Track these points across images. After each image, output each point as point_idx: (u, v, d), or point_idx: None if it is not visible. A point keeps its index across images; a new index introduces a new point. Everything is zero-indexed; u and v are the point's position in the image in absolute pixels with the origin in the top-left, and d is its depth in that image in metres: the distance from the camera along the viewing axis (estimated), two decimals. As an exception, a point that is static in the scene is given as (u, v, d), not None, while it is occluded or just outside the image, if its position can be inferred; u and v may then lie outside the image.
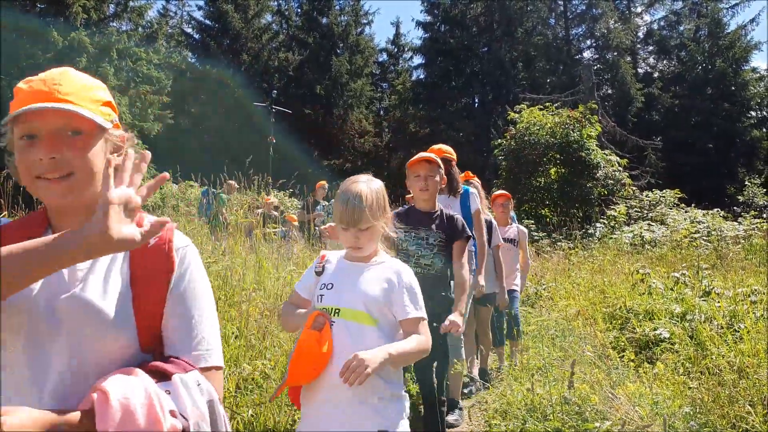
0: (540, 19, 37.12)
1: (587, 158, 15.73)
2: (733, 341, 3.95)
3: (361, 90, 35.64)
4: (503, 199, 5.76)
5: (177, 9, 46.64)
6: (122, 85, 25.50)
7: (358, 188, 2.05)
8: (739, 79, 32.90)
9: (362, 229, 2.02)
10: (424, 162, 3.42)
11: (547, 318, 5.51)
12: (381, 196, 2.11)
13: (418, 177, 3.37)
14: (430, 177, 3.37)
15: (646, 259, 8.92)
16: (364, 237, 2.04)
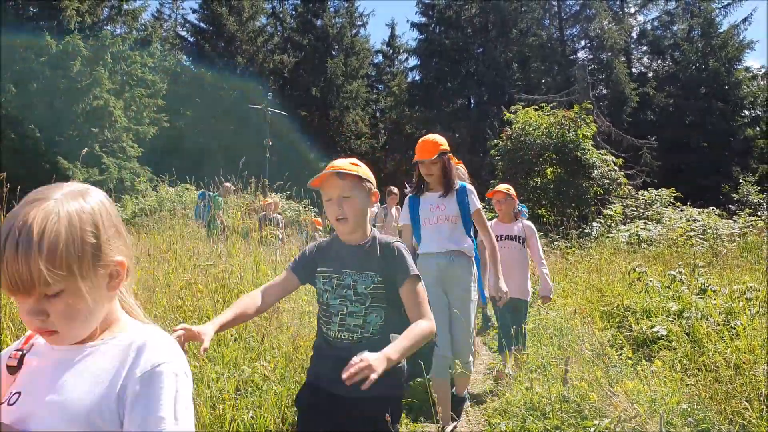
0: (534, 20, 37.25)
1: (583, 158, 15.78)
2: (730, 338, 3.97)
3: (356, 92, 35.69)
4: (500, 196, 5.23)
5: (171, 12, 46.66)
6: (117, 89, 25.50)
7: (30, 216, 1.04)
8: (733, 79, 33.12)
9: None
10: (334, 178, 2.16)
11: (545, 317, 5.52)
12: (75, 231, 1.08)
13: (330, 201, 2.17)
14: (346, 199, 2.14)
15: (642, 258, 8.95)
16: None
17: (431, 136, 3.91)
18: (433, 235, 3.88)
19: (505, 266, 4.28)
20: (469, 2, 36.55)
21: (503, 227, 5.14)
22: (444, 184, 3.87)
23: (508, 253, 4.89)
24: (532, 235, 5.13)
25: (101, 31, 25.49)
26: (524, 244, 5.09)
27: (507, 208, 5.20)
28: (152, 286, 5.01)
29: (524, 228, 5.15)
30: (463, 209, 3.88)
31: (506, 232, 5.10)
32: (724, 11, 35.75)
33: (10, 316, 4.44)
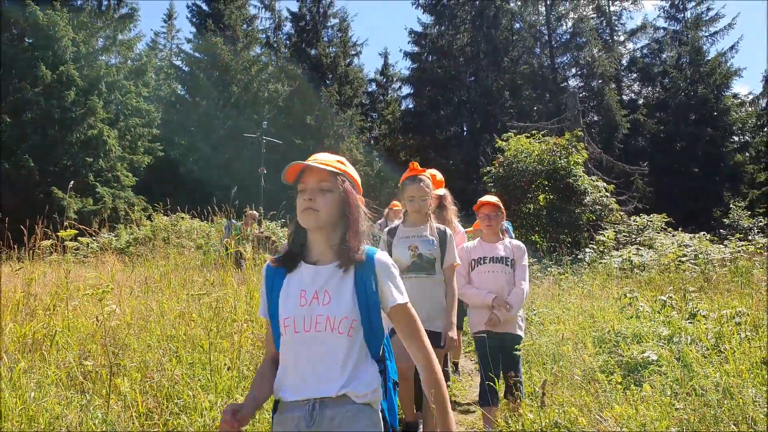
0: (525, 49, 37.81)
1: (575, 184, 15.91)
2: (719, 362, 4.00)
3: (350, 120, 35.98)
4: (490, 209, 4.40)
5: (166, 42, 47.31)
6: (111, 118, 25.66)
7: None
8: (721, 105, 33.63)
9: None
10: None
11: (538, 342, 5.54)
12: None
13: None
14: None
15: (634, 283, 9.00)
16: None
17: None
18: None
19: (491, 292, 4.18)
20: (461, 32, 37.14)
21: (488, 248, 4.37)
22: None
23: (493, 278, 4.24)
24: (522, 255, 4.34)
25: (96, 61, 25.76)
26: (513, 267, 4.29)
27: (496, 224, 4.42)
28: (146, 315, 5.03)
29: (513, 248, 4.36)
30: None
31: (491, 253, 4.33)
32: (711, 39, 36.55)
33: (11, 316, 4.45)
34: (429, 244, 3.75)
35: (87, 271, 7.16)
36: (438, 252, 3.74)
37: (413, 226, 3.83)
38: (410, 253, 3.74)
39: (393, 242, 3.83)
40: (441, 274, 3.76)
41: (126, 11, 27.98)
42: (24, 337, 4.17)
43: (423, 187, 3.76)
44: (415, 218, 3.83)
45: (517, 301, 4.16)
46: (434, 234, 3.78)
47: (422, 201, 3.76)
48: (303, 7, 38.67)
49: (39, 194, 21.52)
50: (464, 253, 4.35)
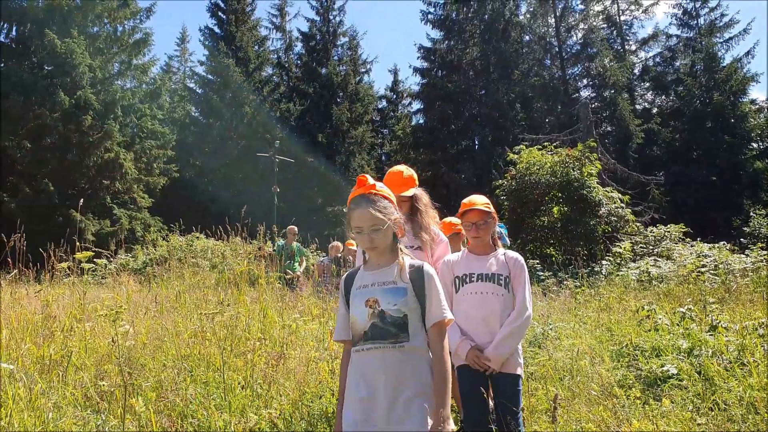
0: (536, 61, 37.85)
1: (589, 196, 15.79)
2: (742, 375, 3.92)
3: (362, 137, 36.14)
4: (476, 216, 3.45)
5: (180, 65, 48.01)
6: (127, 141, 25.99)
7: None
8: (738, 112, 33.19)
9: None
10: None
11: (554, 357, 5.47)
12: None
13: None
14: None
15: (653, 295, 8.87)
16: None
17: None
18: None
19: (476, 321, 3.29)
20: (470, 46, 37.25)
21: (475, 262, 3.43)
22: None
23: (481, 303, 3.31)
24: (521, 272, 3.37)
25: (112, 85, 26.16)
26: (508, 287, 3.33)
27: (485, 234, 3.45)
28: (161, 335, 5.04)
29: (508, 261, 3.40)
30: None
31: (480, 269, 3.39)
32: (725, 45, 36.28)
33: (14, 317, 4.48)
34: (395, 295, 2.43)
35: (104, 292, 7.21)
36: (412, 304, 2.44)
37: (374, 268, 2.55)
38: (368, 311, 2.45)
39: (350, 295, 2.58)
40: (420, 340, 2.43)
41: (140, 36, 28.41)
42: (42, 359, 4.20)
43: (374, 214, 2.45)
44: (375, 257, 2.56)
45: (510, 341, 3.20)
46: (406, 278, 2.48)
47: (374, 232, 2.46)
48: (313, 27, 39.07)
49: (58, 217, 21.80)
50: (445, 269, 3.46)
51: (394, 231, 2.54)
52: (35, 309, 5.42)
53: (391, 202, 2.54)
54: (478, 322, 3.31)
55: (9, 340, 4.51)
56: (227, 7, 36.70)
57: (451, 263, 3.49)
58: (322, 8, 39.26)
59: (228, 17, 36.32)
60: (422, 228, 3.67)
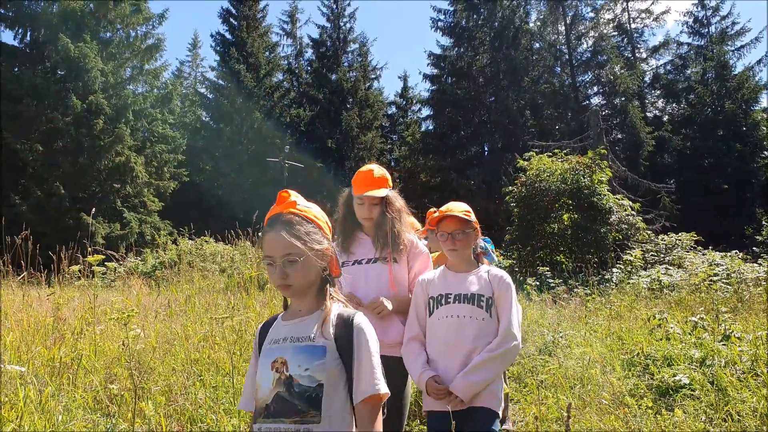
0: (546, 68, 37.77)
1: (599, 203, 15.71)
2: (756, 386, 3.88)
3: (371, 142, 36.21)
4: (453, 225, 2.91)
5: (191, 70, 48.30)
6: (138, 145, 26.17)
7: None
8: (750, 120, 33.02)
9: None
10: None
11: (564, 366, 5.43)
12: None
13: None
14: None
15: (664, 304, 8.80)
16: None
17: None
18: None
19: (450, 349, 2.76)
20: (480, 53, 37.25)
21: (453, 280, 2.91)
22: None
23: (457, 328, 2.77)
24: (507, 292, 2.83)
25: (124, 90, 26.36)
26: (490, 310, 2.78)
27: (465, 247, 2.92)
28: (171, 339, 5.05)
29: (491, 280, 2.87)
30: None
31: (458, 289, 2.86)
32: (737, 54, 36.11)
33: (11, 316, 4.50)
34: (310, 355, 1.79)
35: (114, 295, 7.24)
36: (332, 370, 1.79)
37: (291, 316, 1.94)
38: (273, 376, 1.80)
39: (261, 351, 1.92)
40: (339, 423, 1.77)
41: (153, 42, 28.63)
42: (52, 361, 4.21)
43: (289, 240, 1.82)
44: (295, 301, 1.96)
45: (486, 370, 2.65)
46: (329, 333, 1.84)
47: (288, 264, 1.83)
48: (324, 33, 39.26)
49: (69, 220, 21.94)
50: (419, 289, 2.94)
51: (320, 266, 1.90)
52: (46, 311, 5.45)
53: (319, 228, 1.94)
54: (451, 350, 2.74)
55: (20, 342, 4.54)
56: (238, 14, 36.96)
57: (426, 282, 2.96)
58: (333, 15, 39.45)
59: (239, 23, 36.58)
60: (396, 241, 3.03)
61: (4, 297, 5.79)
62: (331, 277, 1.98)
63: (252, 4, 37.40)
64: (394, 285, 3.00)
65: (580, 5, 38.00)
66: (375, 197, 3.04)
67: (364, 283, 2.98)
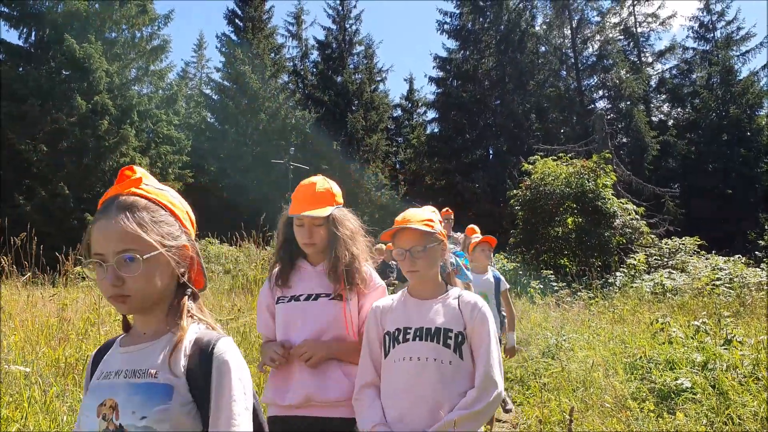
0: (551, 72, 37.76)
1: (603, 207, 15.72)
2: (757, 390, 3.88)
3: (376, 145, 36.21)
4: (409, 240, 2.25)
5: (196, 71, 48.49)
6: (143, 146, 26.23)
7: None
8: (754, 125, 33.02)
9: None
10: None
11: (567, 369, 5.44)
12: None
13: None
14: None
15: (667, 308, 8.81)
16: None
17: None
18: None
19: (409, 402, 2.13)
20: (486, 56, 37.28)
21: (415, 309, 2.29)
22: None
23: (417, 371, 2.15)
24: (483, 324, 2.21)
25: (129, 90, 26.44)
26: (460, 349, 2.16)
27: (427, 266, 2.28)
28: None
29: (463, 309, 2.24)
30: None
31: (419, 321, 2.24)
32: (742, 59, 36.10)
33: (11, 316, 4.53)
34: (149, 397, 1.30)
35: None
36: (179, 418, 1.29)
37: (132, 341, 1.45)
38: (100, 424, 1.30)
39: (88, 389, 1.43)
40: None
41: (158, 43, 28.72)
42: (57, 362, 4.24)
43: (128, 229, 1.30)
44: (139, 320, 1.46)
45: None
46: (179, 367, 1.33)
47: (124, 265, 1.30)
48: (329, 35, 39.31)
49: (73, 221, 22.01)
50: (372, 320, 2.32)
51: (173, 271, 1.38)
52: (50, 312, 5.48)
53: (175, 217, 1.41)
54: (411, 403, 2.12)
55: (24, 342, 4.57)
56: (244, 15, 37.05)
57: (380, 311, 2.31)
58: (339, 17, 39.54)
59: (245, 25, 36.66)
60: (350, 266, 2.40)
61: (8, 297, 5.83)
62: (193, 288, 1.45)
63: (257, 6, 37.50)
64: (352, 327, 2.39)
65: (586, 9, 38.06)
66: (316, 218, 2.40)
67: (300, 324, 2.37)
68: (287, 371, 2.34)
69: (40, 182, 23.05)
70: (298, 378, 2.31)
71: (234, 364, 1.33)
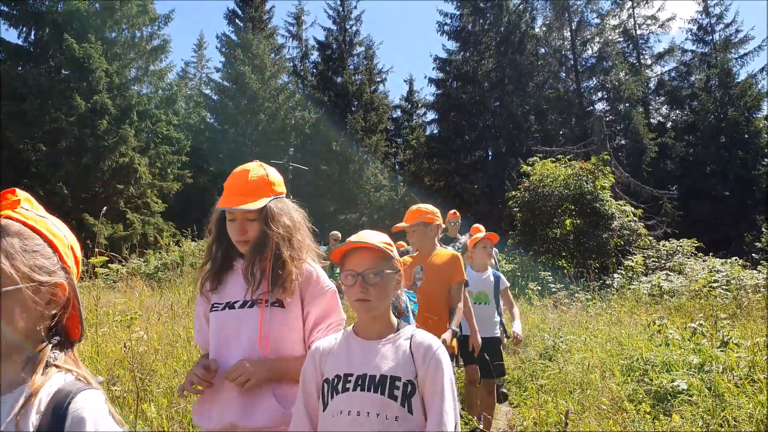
0: (551, 73, 37.79)
1: (602, 209, 15.76)
2: (752, 392, 3.90)
3: (376, 145, 36.23)
4: (361, 262, 1.86)
5: (196, 71, 48.50)
6: (142, 146, 26.22)
7: None
8: (752, 128, 33.13)
9: None
10: None
11: (564, 370, 5.46)
12: None
13: None
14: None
15: (664, 310, 8.83)
16: None
17: None
18: None
19: None
20: (486, 57, 37.30)
21: (357, 351, 1.91)
22: None
23: (353, 428, 1.78)
24: (437, 369, 1.81)
25: (128, 90, 26.43)
26: (408, 401, 1.78)
27: (380, 296, 1.88)
28: (173, 341, 5.09)
29: (415, 352, 1.86)
30: None
31: (362, 366, 1.86)
32: (740, 61, 36.19)
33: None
34: None
35: (116, 297, 7.28)
36: None
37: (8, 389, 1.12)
38: None
39: None
40: None
41: (158, 43, 28.72)
42: (54, 362, 4.24)
43: None
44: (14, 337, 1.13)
45: None
46: (27, 425, 1.07)
47: None
48: (329, 36, 39.34)
49: (71, 221, 22.00)
50: (310, 365, 1.94)
51: (39, 311, 1.16)
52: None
53: (53, 248, 1.21)
54: None
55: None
56: (244, 15, 37.10)
57: (320, 354, 1.93)
58: (339, 17, 39.56)
59: (245, 25, 36.69)
60: (277, 268, 2.07)
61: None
62: (64, 336, 1.22)
63: (258, 6, 37.54)
64: (264, 341, 2.03)
65: (585, 11, 38.08)
66: (249, 211, 2.09)
67: (234, 337, 2.06)
68: (213, 392, 2.03)
69: (39, 182, 23.03)
70: (224, 400, 2.00)
71: (92, 421, 1.07)
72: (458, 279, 3.70)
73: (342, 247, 1.90)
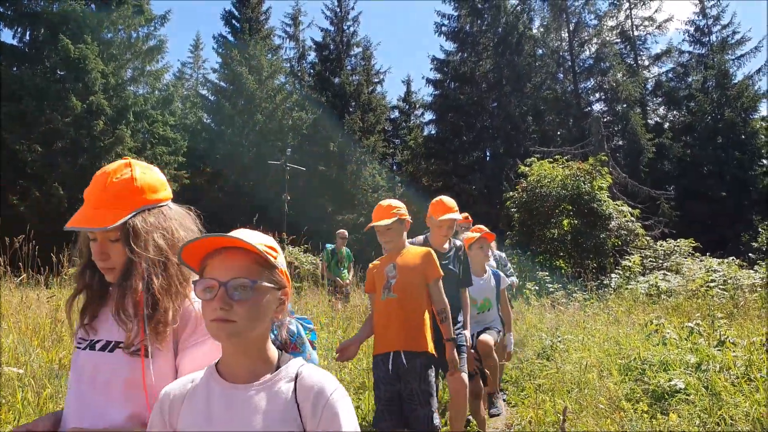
0: (548, 74, 37.83)
1: (599, 209, 15.78)
2: (749, 391, 3.90)
3: (373, 146, 36.21)
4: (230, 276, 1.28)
5: (192, 72, 48.42)
6: (139, 147, 26.18)
7: None
8: (749, 129, 33.25)
9: None
10: None
11: (561, 370, 5.45)
12: None
13: None
14: None
15: (661, 309, 8.83)
16: None
17: None
18: None
19: None
20: (484, 58, 37.32)
21: (219, 402, 1.30)
22: None
23: None
24: (333, 422, 1.27)
25: (125, 91, 26.37)
26: None
27: (248, 326, 1.28)
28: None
29: (302, 402, 1.29)
30: None
31: (228, 424, 1.28)
32: (737, 62, 36.28)
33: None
34: None
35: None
36: None
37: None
38: None
39: None
40: None
41: (154, 43, 28.67)
42: (51, 363, 4.23)
43: None
44: None
45: None
46: None
47: None
48: (327, 36, 39.31)
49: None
50: (157, 414, 1.36)
51: None
52: (45, 313, 5.47)
53: None
54: None
55: (17, 344, 4.55)
56: (241, 16, 37.04)
57: (169, 401, 1.36)
58: (336, 18, 39.53)
59: (242, 25, 36.64)
60: (151, 305, 1.53)
61: (2, 298, 5.81)
62: None
63: (255, 7, 37.49)
64: (146, 397, 1.49)
65: (583, 12, 38.10)
66: (108, 231, 1.57)
67: (86, 387, 1.54)
68: None
69: (35, 182, 22.98)
70: None
71: None
72: (434, 276, 3.53)
73: (201, 240, 1.29)
